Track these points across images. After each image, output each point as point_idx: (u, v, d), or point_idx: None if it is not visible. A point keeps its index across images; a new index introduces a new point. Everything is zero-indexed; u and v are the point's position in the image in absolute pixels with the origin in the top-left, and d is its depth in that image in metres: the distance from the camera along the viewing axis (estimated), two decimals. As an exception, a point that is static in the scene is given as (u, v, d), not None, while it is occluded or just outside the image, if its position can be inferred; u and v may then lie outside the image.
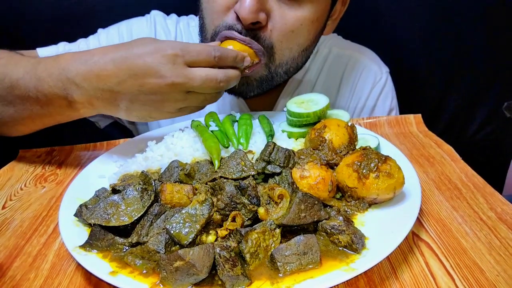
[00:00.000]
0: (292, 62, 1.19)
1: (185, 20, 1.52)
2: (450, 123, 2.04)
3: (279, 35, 1.09)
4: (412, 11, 1.83)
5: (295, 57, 1.18)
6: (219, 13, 1.09)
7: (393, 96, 1.55)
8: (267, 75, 1.17)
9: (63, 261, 0.80)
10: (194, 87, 0.93)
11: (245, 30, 1.06)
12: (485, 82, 1.96)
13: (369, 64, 1.51)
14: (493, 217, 0.84)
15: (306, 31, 1.12)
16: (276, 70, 1.17)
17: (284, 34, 1.09)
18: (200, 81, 0.92)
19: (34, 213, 0.97)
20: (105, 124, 1.54)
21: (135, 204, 0.78)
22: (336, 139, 0.93)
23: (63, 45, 1.39)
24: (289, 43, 1.12)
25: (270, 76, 1.18)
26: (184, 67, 0.91)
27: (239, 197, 0.77)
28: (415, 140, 1.21)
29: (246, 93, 1.22)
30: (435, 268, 0.72)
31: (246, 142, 0.99)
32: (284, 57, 1.15)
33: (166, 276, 0.64)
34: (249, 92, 1.21)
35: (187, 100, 0.96)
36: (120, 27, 1.45)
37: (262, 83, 1.19)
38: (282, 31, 1.08)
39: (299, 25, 1.09)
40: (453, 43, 1.89)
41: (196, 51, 0.92)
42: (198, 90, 0.94)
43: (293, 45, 1.14)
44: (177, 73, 0.90)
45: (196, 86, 0.92)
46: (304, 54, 1.21)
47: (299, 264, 0.66)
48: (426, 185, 0.97)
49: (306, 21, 1.10)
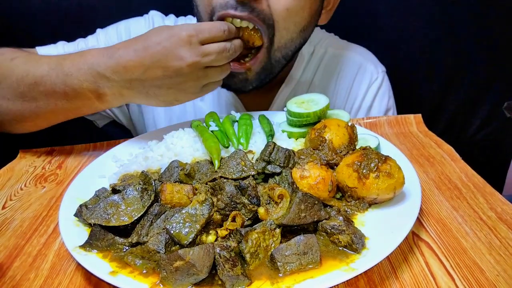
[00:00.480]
0: (291, 45, 1.19)
1: (183, 21, 1.53)
2: (450, 123, 2.04)
3: (275, 14, 1.09)
4: (412, 11, 1.83)
5: (293, 39, 1.18)
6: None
7: (390, 95, 1.54)
8: (267, 62, 1.18)
9: (63, 261, 0.80)
10: (212, 61, 0.99)
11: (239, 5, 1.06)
12: (485, 82, 1.96)
13: (365, 64, 1.51)
14: (493, 217, 0.84)
15: (301, 9, 1.12)
16: (275, 55, 1.18)
17: (279, 13, 1.10)
18: (216, 54, 0.99)
19: (34, 213, 0.97)
20: (103, 123, 1.54)
21: (135, 204, 0.78)
22: (336, 139, 0.93)
23: (62, 44, 1.40)
24: (286, 22, 1.12)
25: (269, 64, 1.19)
26: (199, 46, 0.98)
27: (239, 197, 0.77)
28: (415, 140, 1.21)
29: (246, 87, 1.22)
30: (435, 268, 0.71)
31: (246, 142, 0.99)
32: (283, 39, 1.16)
33: (166, 276, 0.64)
34: (248, 86, 1.22)
35: (208, 76, 1.02)
36: (119, 27, 1.45)
37: (261, 74, 1.19)
38: (277, 10, 1.09)
39: (292, 1, 1.09)
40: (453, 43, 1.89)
41: (207, 29, 0.99)
42: (215, 63, 1.01)
43: (290, 24, 1.14)
44: (195, 52, 0.97)
45: (213, 60, 0.99)
46: (302, 35, 1.20)
47: (299, 264, 0.66)
48: (426, 185, 0.97)
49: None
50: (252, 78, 1.20)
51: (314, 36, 1.51)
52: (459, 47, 1.90)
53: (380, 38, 1.85)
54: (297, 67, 1.44)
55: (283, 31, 1.14)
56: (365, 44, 1.60)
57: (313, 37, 1.50)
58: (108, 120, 1.55)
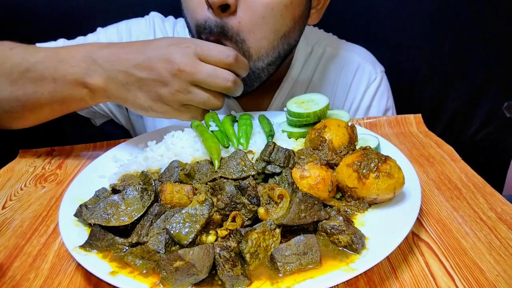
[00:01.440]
0: (273, 52, 1.15)
1: (182, 22, 1.52)
2: (450, 123, 2.04)
3: (250, 24, 1.06)
4: (412, 11, 1.83)
5: (274, 46, 1.14)
6: (194, 8, 1.09)
7: (389, 95, 1.54)
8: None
9: (63, 261, 0.80)
10: (200, 80, 0.95)
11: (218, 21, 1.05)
12: (485, 82, 1.96)
13: (363, 64, 1.50)
14: (493, 217, 0.84)
15: (279, 16, 1.08)
16: (256, 65, 1.14)
17: (255, 22, 1.06)
18: (207, 75, 0.95)
19: (34, 213, 0.97)
20: (101, 122, 1.53)
21: (135, 204, 0.78)
22: (336, 139, 0.93)
23: (62, 41, 1.40)
24: (263, 32, 1.09)
25: (252, 72, 1.15)
26: (194, 58, 0.95)
27: (239, 197, 0.77)
28: (415, 140, 1.21)
29: None
30: (435, 268, 0.72)
31: (246, 142, 0.99)
32: (263, 49, 1.12)
33: (166, 276, 0.64)
34: None
35: (190, 94, 0.97)
36: (119, 27, 1.45)
37: (247, 81, 1.15)
38: (252, 19, 1.06)
39: (269, 10, 1.06)
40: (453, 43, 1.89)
41: (208, 47, 0.96)
42: (204, 84, 0.96)
43: (268, 33, 1.09)
44: (186, 61, 0.94)
45: (202, 78, 0.94)
46: (285, 41, 1.16)
47: (299, 264, 0.66)
48: (426, 185, 0.97)
49: (278, 5, 1.06)
50: None
51: (313, 36, 1.51)
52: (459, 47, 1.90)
53: (380, 38, 1.85)
54: (294, 67, 1.43)
55: (262, 40, 1.10)
56: (365, 44, 1.60)
57: (312, 37, 1.51)
58: (106, 119, 1.54)
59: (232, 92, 1.00)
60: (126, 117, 1.56)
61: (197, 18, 1.10)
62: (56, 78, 1.06)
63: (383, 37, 1.87)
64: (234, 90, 0.99)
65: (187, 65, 0.94)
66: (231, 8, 1.04)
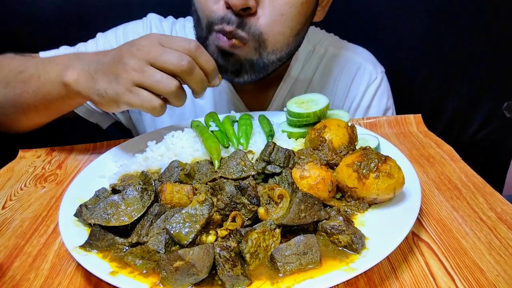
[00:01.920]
0: (287, 48, 1.18)
1: (181, 22, 1.53)
2: (450, 123, 2.05)
3: (269, 21, 1.08)
4: (412, 11, 1.84)
5: (289, 43, 1.17)
6: (210, 4, 1.09)
7: (389, 96, 1.55)
8: (258, 59, 1.15)
9: (63, 261, 0.80)
10: (155, 57, 0.92)
11: (236, 18, 1.06)
12: (485, 82, 1.96)
13: (364, 64, 1.51)
14: (493, 217, 0.84)
15: (297, 14, 1.11)
16: (268, 57, 1.16)
17: (274, 19, 1.08)
18: (162, 51, 0.92)
19: (34, 213, 0.97)
20: (107, 125, 1.54)
21: (135, 204, 0.78)
22: (336, 139, 0.93)
23: (64, 49, 1.43)
24: (281, 28, 1.11)
25: (262, 62, 1.16)
26: (155, 42, 0.94)
27: (239, 197, 0.77)
28: (415, 140, 1.21)
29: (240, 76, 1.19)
30: (435, 268, 0.72)
31: (246, 142, 0.99)
32: (278, 43, 1.14)
33: (166, 276, 0.64)
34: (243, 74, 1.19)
35: (144, 72, 0.92)
36: (117, 31, 1.47)
37: (255, 68, 1.17)
38: (272, 16, 1.08)
39: (288, 8, 1.09)
40: (453, 43, 1.89)
41: (172, 38, 0.96)
42: (158, 63, 0.92)
43: (285, 29, 1.12)
44: (145, 43, 0.94)
45: (156, 56, 0.92)
46: (297, 39, 1.19)
47: (299, 264, 0.66)
48: (426, 185, 0.97)
49: (296, 3, 1.09)
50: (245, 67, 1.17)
51: (314, 36, 1.52)
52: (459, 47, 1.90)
53: (380, 39, 1.86)
54: (295, 64, 1.45)
55: (279, 35, 1.12)
56: (365, 44, 1.60)
57: (313, 36, 1.51)
58: (112, 121, 1.55)
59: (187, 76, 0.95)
60: (127, 117, 1.56)
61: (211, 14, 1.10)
62: (40, 76, 1.08)
63: (383, 37, 1.87)
64: (188, 72, 0.94)
65: (146, 45, 0.93)
66: (251, 10, 1.05)
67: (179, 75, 0.94)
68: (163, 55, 0.92)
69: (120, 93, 0.93)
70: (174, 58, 0.91)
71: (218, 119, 1.10)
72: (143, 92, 0.93)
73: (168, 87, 0.92)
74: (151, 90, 0.93)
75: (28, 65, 1.13)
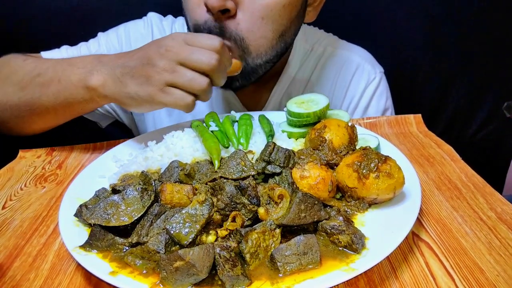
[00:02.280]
0: (272, 51, 1.18)
1: (180, 21, 1.54)
2: (450, 123, 2.05)
3: (249, 25, 1.09)
4: (412, 11, 1.84)
5: (273, 45, 1.17)
6: (194, 9, 1.11)
7: (388, 96, 1.55)
8: (245, 66, 1.16)
9: (63, 261, 0.80)
10: (185, 57, 0.95)
11: (215, 22, 1.07)
12: (485, 82, 1.96)
13: (362, 64, 1.51)
14: (493, 217, 0.84)
15: (277, 16, 1.11)
16: (254, 61, 1.16)
17: (254, 22, 1.09)
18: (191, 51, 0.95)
19: (34, 213, 0.97)
20: (106, 124, 1.55)
21: (135, 204, 0.78)
22: (336, 139, 0.93)
23: (65, 48, 1.43)
24: (262, 31, 1.11)
25: (250, 68, 1.17)
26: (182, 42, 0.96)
27: (239, 197, 0.77)
28: (415, 140, 1.21)
29: (232, 83, 1.21)
30: (435, 268, 0.72)
31: (246, 142, 0.99)
32: (262, 47, 1.14)
33: (166, 276, 0.64)
34: (234, 82, 1.21)
35: (175, 72, 0.95)
36: (119, 30, 1.48)
37: (243, 74, 1.18)
38: (252, 20, 1.08)
39: (269, 11, 1.09)
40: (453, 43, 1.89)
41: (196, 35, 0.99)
42: (189, 63, 0.95)
43: (267, 32, 1.12)
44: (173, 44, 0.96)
45: (187, 55, 0.95)
46: (282, 40, 1.19)
47: (299, 264, 0.66)
48: (426, 185, 0.97)
49: (276, 6, 1.09)
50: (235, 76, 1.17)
51: (313, 35, 1.52)
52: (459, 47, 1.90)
53: (380, 38, 1.86)
54: (291, 64, 1.45)
55: (261, 39, 1.12)
56: (365, 44, 1.60)
57: (312, 36, 1.52)
58: (111, 120, 1.55)
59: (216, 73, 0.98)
60: (129, 117, 1.57)
61: (195, 18, 1.12)
62: (61, 80, 1.09)
63: (383, 37, 1.87)
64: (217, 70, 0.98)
65: (174, 46, 0.95)
66: (230, 12, 1.06)
67: (209, 73, 0.97)
68: (193, 54, 0.95)
69: (153, 94, 0.97)
70: (205, 58, 0.95)
71: (218, 119, 1.10)
72: (176, 91, 0.97)
73: (201, 85, 0.96)
74: (184, 89, 0.97)
75: (45, 68, 1.13)
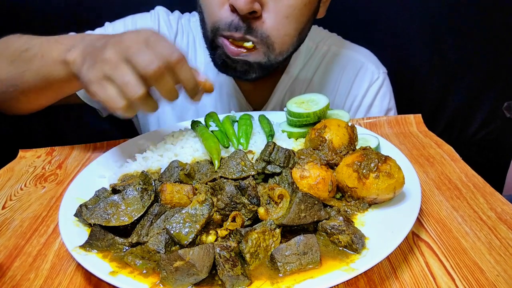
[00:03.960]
0: (292, 47, 1.23)
1: (187, 17, 1.55)
2: (450, 123, 2.05)
3: (275, 24, 1.11)
4: (413, 11, 1.84)
5: (294, 42, 1.21)
6: (216, 8, 1.11)
7: (391, 96, 1.55)
8: (266, 62, 1.19)
9: (63, 261, 0.80)
10: (131, 54, 0.84)
11: (242, 22, 1.09)
12: (485, 82, 1.96)
13: (366, 63, 1.52)
14: (493, 217, 0.84)
15: (300, 15, 1.15)
16: (277, 58, 1.20)
17: (279, 21, 1.12)
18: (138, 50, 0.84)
19: (34, 213, 0.97)
20: (107, 113, 1.49)
21: (135, 204, 0.78)
22: (336, 139, 0.93)
23: None
24: (287, 30, 1.15)
25: (269, 63, 1.20)
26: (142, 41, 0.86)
27: (239, 197, 0.77)
28: (415, 140, 1.21)
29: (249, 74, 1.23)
30: (435, 268, 0.71)
31: (246, 142, 0.99)
32: (285, 45, 1.18)
33: (166, 276, 0.64)
34: (251, 73, 1.22)
35: (117, 68, 0.84)
36: (126, 21, 1.48)
37: (262, 67, 1.21)
38: (277, 19, 1.11)
39: (292, 10, 1.12)
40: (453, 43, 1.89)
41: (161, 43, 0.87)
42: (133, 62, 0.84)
43: (291, 30, 1.16)
44: (132, 38, 0.87)
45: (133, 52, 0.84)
46: (301, 37, 1.24)
47: (299, 264, 0.66)
48: (426, 185, 0.97)
49: (299, 5, 1.12)
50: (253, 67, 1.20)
51: (317, 34, 1.53)
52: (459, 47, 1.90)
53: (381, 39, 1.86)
54: (295, 62, 1.46)
55: (285, 37, 1.16)
56: (365, 44, 1.60)
57: (316, 35, 1.52)
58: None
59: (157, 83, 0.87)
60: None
61: (218, 17, 1.12)
62: (44, 55, 1.04)
63: (384, 37, 1.87)
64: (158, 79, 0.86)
65: (130, 40, 0.86)
66: (257, 13, 1.08)
67: (148, 80, 0.85)
68: (138, 54, 0.84)
69: (90, 82, 0.88)
70: (145, 61, 0.83)
71: (218, 119, 1.11)
72: (111, 89, 0.86)
73: (134, 91, 0.84)
74: (119, 89, 0.85)
75: (33, 44, 1.09)
